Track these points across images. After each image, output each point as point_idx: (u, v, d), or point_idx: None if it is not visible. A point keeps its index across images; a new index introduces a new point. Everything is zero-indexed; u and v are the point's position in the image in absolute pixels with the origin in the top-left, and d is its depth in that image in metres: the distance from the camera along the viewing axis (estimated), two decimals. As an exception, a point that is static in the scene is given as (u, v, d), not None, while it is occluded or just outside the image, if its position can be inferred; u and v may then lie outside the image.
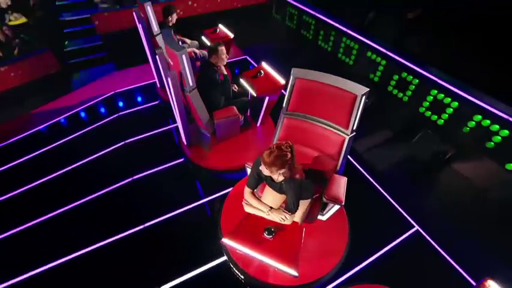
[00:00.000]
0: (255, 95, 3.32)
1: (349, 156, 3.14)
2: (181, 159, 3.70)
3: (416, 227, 2.97)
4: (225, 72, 3.36)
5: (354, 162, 3.58)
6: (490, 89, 3.36)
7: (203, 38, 4.44)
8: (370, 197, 3.23)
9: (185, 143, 3.54)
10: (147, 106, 4.63)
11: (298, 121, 2.42)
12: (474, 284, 2.49)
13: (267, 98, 3.52)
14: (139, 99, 4.78)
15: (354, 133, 2.26)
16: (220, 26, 4.52)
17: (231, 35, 4.33)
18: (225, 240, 2.08)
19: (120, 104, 4.67)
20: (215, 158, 3.44)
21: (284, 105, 2.47)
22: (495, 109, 3.22)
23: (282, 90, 3.36)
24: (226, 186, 3.26)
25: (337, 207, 2.42)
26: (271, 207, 2.10)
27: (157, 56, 2.88)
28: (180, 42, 4.08)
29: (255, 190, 2.19)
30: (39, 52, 5.12)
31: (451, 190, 3.39)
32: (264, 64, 3.63)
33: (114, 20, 5.75)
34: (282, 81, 3.40)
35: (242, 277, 2.47)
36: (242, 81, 3.48)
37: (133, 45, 5.57)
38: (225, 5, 6.67)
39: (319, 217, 2.57)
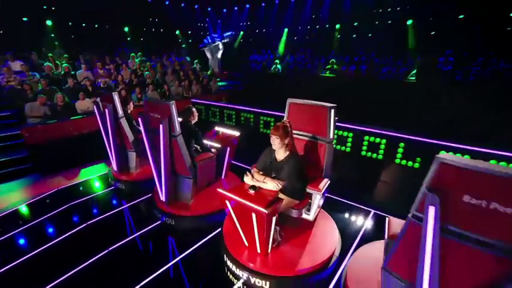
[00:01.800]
0: (220, 146, 4.03)
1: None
2: (158, 222, 3.63)
3: (372, 211, 3.85)
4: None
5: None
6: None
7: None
8: (336, 204, 4.06)
9: (164, 200, 3.61)
10: (101, 193, 4.44)
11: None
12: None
13: (228, 150, 4.22)
14: (88, 190, 4.54)
15: (332, 141, 3.01)
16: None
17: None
18: (220, 190, 2.51)
19: (69, 196, 4.30)
20: (197, 205, 3.62)
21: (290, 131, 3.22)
22: (373, 129, 4.95)
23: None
24: (214, 229, 3.40)
25: (317, 202, 2.99)
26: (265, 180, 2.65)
27: (139, 119, 3.37)
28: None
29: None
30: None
31: (377, 183, 4.78)
32: (217, 127, 4.53)
33: (46, 131, 5.74)
34: (237, 133, 4.31)
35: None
36: (205, 141, 4.19)
37: (64, 153, 5.68)
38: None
39: (307, 216, 3.08)
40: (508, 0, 7.62)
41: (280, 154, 2.72)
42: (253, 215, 2.36)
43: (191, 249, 3.12)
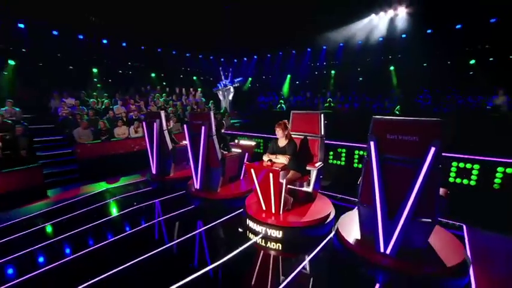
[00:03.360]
0: (240, 151, 5.37)
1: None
2: (192, 206, 4.76)
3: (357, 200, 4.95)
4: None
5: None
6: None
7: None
8: (334, 197, 5.18)
9: (198, 189, 4.82)
10: (141, 192, 5.62)
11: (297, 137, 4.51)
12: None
13: (246, 155, 5.53)
14: (131, 189, 5.75)
15: (324, 137, 4.35)
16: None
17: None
18: (247, 162, 3.75)
19: (115, 194, 5.50)
20: (223, 192, 4.81)
21: (289, 127, 4.45)
22: (362, 144, 6.28)
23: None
24: (236, 209, 4.52)
25: (314, 176, 4.20)
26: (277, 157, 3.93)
27: (184, 126, 4.79)
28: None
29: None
30: (29, 167, 5.77)
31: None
32: (236, 140, 5.93)
33: (93, 149, 7.19)
34: (253, 143, 5.68)
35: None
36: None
37: (106, 166, 7.05)
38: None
39: (307, 189, 4.25)
40: (468, 51, 9.80)
41: (282, 142, 4.05)
42: (271, 176, 3.58)
43: (218, 221, 4.20)
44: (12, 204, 5.09)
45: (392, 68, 11.77)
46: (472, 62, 9.97)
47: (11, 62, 9.36)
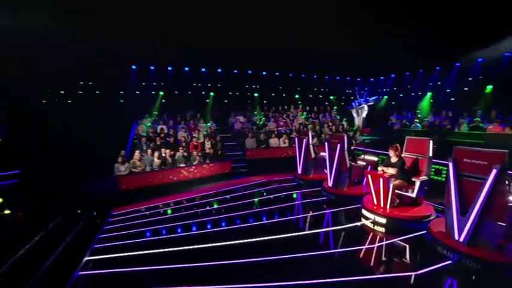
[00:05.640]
0: (364, 163, 7.45)
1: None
2: (325, 197, 7.28)
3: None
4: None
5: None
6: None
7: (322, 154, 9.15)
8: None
9: (331, 186, 7.32)
10: (289, 184, 8.68)
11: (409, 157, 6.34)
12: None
13: (369, 167, 7.53)
14: (285, 183, 8.92)
15: (431, 158, 5.92)
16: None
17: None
18: (367, 170, 5.78)
19: (271, 183, 8.82)
20: (348, 191, 7.09)
21: (400, 148, 6.33)
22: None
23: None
24: (355, 204, 6.66)
25: (418, 186, 5.78)
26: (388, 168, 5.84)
27: (325, 143, 7.42)
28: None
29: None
30: (224, 160, 10.10)
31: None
32: (363, 156, 8.02)
33: (256, 153, 11.05)
34: (376, 158, 7.63)
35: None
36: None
37: (266, 165, 10.61)
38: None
39: (411, 194, 5.88)
40: None
41: (394, 159, 5.92)
42: (381, 180, 5.61)
43: (342, 208, 6.55)
44: (216, 180, 9.36)
45: None
46: None
47: (211, 94, 15.29)
